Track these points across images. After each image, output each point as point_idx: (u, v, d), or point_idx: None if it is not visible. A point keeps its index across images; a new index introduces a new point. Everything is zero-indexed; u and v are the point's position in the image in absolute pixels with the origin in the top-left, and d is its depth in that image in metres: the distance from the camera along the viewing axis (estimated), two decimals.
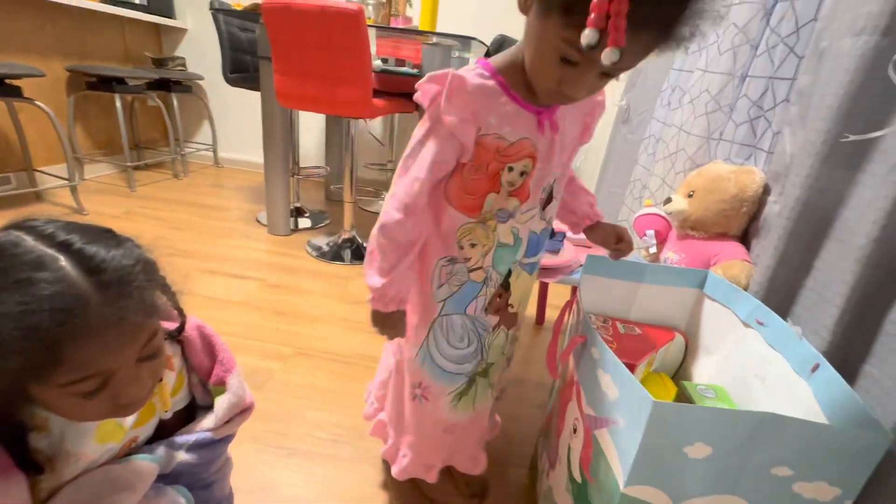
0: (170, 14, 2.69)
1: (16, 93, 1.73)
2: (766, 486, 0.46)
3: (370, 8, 1.92)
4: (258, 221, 2.14)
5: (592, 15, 0.37)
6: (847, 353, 0.59)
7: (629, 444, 0.48)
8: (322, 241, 1.97)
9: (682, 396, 0.69)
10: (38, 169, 2.08)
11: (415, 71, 1.83)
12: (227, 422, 0.55)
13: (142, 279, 0.40)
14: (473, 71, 0.54)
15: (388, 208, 0.57)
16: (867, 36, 0.58)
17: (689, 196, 0.89)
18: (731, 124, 0.92)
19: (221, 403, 0.54)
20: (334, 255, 1.88)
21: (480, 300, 0.65)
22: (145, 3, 2.52)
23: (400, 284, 0.60)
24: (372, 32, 1.87)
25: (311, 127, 2.79)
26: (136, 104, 2.72)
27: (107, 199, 2.20)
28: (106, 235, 0.41)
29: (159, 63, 2.70)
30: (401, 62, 1.93)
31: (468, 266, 0.63)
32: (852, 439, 0.44)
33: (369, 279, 0.59)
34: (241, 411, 0.56)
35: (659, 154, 1.13)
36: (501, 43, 1.81)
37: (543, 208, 0.63)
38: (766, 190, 0.83)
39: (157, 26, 2.76)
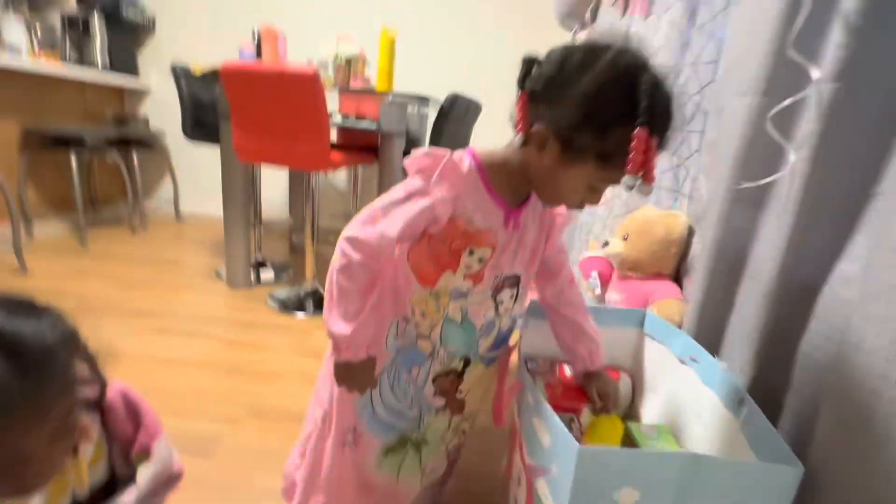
0: (132, 72, 2.74)
1: None
2: None
3: (330, 70, 2.02)
4: (218, 275, 2.10)
5: (632, 164, 0.47)
6: (769, 386, 0.63)
7: (562, 492, 0.48)
8: (284, 292, 1.94)
9: (627, 438, 0.70)
10: None
11: (374, 126, 1.91)
12: (153, 495, 0.52)
13: (63, 357, 0.39)
14: (465, 160, 0.58)
15: (349, 249, 0.56)
16: (751, 96, 0.66)
17: (625, 239, 0.95)
18: (657, 172, 0.99)
19: (144, 473, 0.51)
20: (296, 306, 1.85)
21: (423, 371, 0.65)
22: (107, 64, 2.56)
23: (367, 328, 0.60)
24: (333, 95, 1.96)
25: (275, 179, 2.82)
26: (94, 161, 2.69)
27: (56, 257, 2.11)
28: (27, 308, 0.40)
29: (121, 121, 2.70)
30: (361, 117, 2.02)
31: (416, 331, 0.64)
32: (772, 474, 0.46)
33: (334, 326, 0.57)
34: (168, 480, 0.53)
35: None
36: (454, 100, 1.92)
37: (495, 295, 0.64)
38: (692, 232, 0.89)
39: (119, 87, 2.79)
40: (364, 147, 2.00)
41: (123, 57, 2.65)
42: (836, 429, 0.48)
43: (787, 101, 0.58)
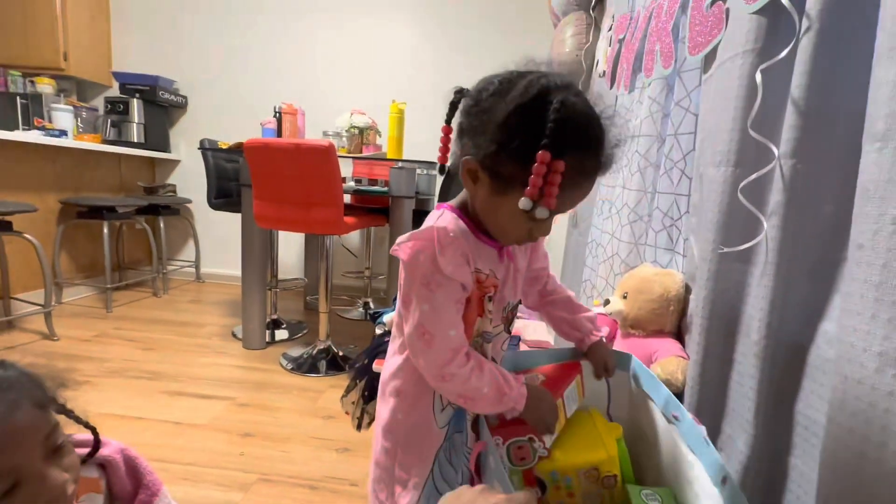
0: (165, 148, 2.98)
1: (6, 227, 1.83)
2: None
3: (344, 139, 2.18)
4: (234, 336, 2.15)
5: (530, 187, 0.46)
6: (772, 447, 0.63)
7: None
8: (297, 351, 1.97)
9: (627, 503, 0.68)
10: (15, 297, 2.11)
11: (385, 189, 2.03)
12: None
13: (26, 385, 0.44)
14: (445, 217, 0.57)
15: (444, 381, 0.56)
16: (724, 167, 0.72)
17: (624, 297, 0.98)
18: (652, 232, 1.04)
19: None
20: (309, 366, 1.87)
21: (469, 419, 0.66)
22: (143, 140, 2.80)
23: (507, 380, 0.58)
24: (347, 161, 2.10)
25: (291, 241, 2.94)
26: (123, 228, 2.86)
27: (81, 322, 2.20)
28: None
29: (150, 191, 2.90)
30: (374, 181, 2.15)
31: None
32: None
33: (485, 408, 0.59)
34: None
35: (600, 257, 1.24)
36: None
37: (508, 327, 0.67)
38: (689, 289, 0.92)
39: (152, 159, 3.02)
40: (377, 208, 2.11)
41: (157, 134, 2.90)
42: (833, 495, 0.48)
43: (754, 175, 0.63)
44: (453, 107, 0.55)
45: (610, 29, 1.42)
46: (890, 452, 0.41)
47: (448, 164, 0.58)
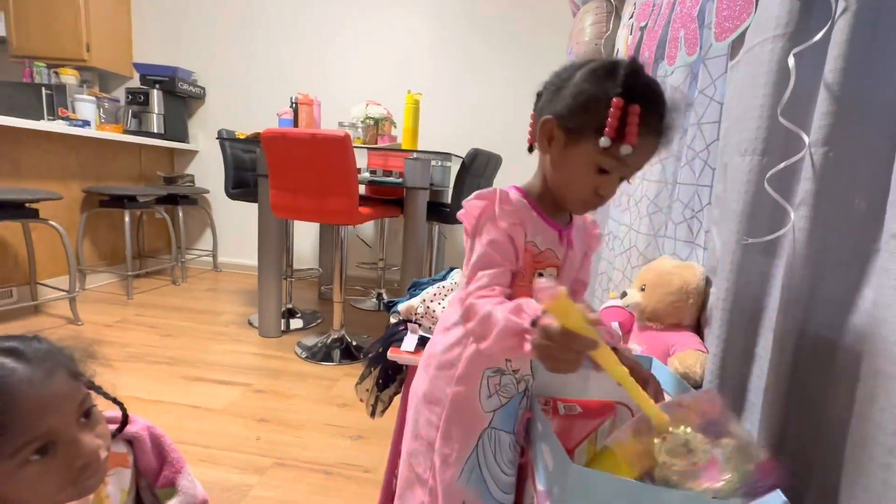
0: (184, 139, 3.02)
1: (32, 215, 1.89)
2: None
3: (360, 129, 2.18)
4: (250, 324, 2.18)
5: (608, 127, 0.51)
6: (797, 444, 0.61)
7: None
8: (312, 340, 1.99)
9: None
10: (41, 282, 2.18)
11: (399, 180, 2.03)
12: None
13: (59, 356, 0.46)
14: (511, 192, 0.62)
15: (470, 298, 0.56)
16: (750, 156, 0.70)
17: (642, 290, 0.96)
18: (671, 224, 1.02)
19: None
20: (323, 355, 1.89)
21: (520, 412, 0.66)
22: (162, 131, 2.85)
23: (525, 304, 0.51)
24: (362, 152, 2.10)
25: (306, 232, 2.97)
26: (144, 217, 2.92)
27: (103, 308, 2.26)
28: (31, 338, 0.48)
29: (169, 181, 2.95)
30: (388, 172, 2.15)
31: (516, 377, 0.64)
32: None
33: (493, 339, 0.52)
34: None
35: (617, 249, 1.22)
36: (475, 156, 2.02)
37: None
38: (709, 282, 0.90)
39: (171, 149, 3.07)
40: (391, 199, 2.12)
41: (176, 124, 2.94)
42: (858, 488, 0.47)
43: (782, 164, 0.61)
44: (539, 96, 0.62)
45: (631, 17, 1.39)
46: None
47: (531, 145, 0.64)
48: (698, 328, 0.93)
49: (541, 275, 0.61)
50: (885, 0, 0.53)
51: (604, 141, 0.51)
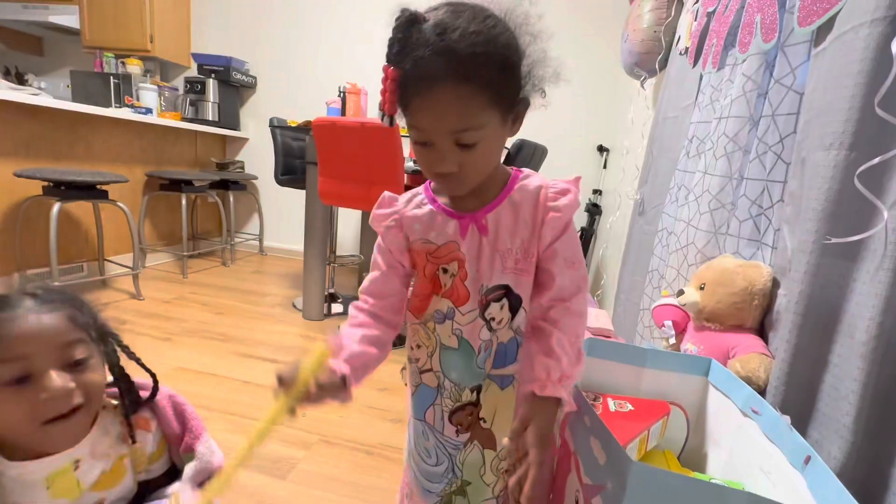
0: (235, 127, 3.15)
1: (103, 196, 2.02)
2: None
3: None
4: (294, 307, 2.27)
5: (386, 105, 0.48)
6: (872, 454, 0.58)
7: None
8: None
9: None
10: (108, 259, 2.34)
11: None
12: (199, 486, 0.58)
13: (69, 303, 0.50)
14: (417, 188, 0.62)
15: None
16: (836, 150, 0.65)
17: (701, 288, 0.92)
18: (735, 221, 0.97)
19: (187, 471, 0.57)
20: None
21: (437, 409, 0.65)
22: (216, 119, 2.97)
23: (349, 348, 0.57)
24: (406, 142, 2.11)
25: (349, 219, 3.04)
26: (198, 201, 3.08)
27: (162, 285, 2.41)
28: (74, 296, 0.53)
29: (222, 166, 3.09)
30: None
31: (419, 367, 0.66)
32: None
33: (330, 341, 0.57)
34: (211, 474, 0.59)
35: (672, 246, 1.18)
36: (520, 147, 1.99)
37: (483, 311, 0.59)
38: (777, 284, 0.85)
39: (223, 137, 3.21)
40: None
41: (229, 112, 3.06)
42: None
43: (877, 159, 0.57)
44: None
45: (696, 1, 1.32)
46: None
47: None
48: (761, 331, 0.88)
49: (445, 270, 0.59)
50: None
51: (382, 118, 0.50)
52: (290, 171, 2.40)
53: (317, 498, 1.04)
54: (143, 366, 0.58)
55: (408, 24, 0.46)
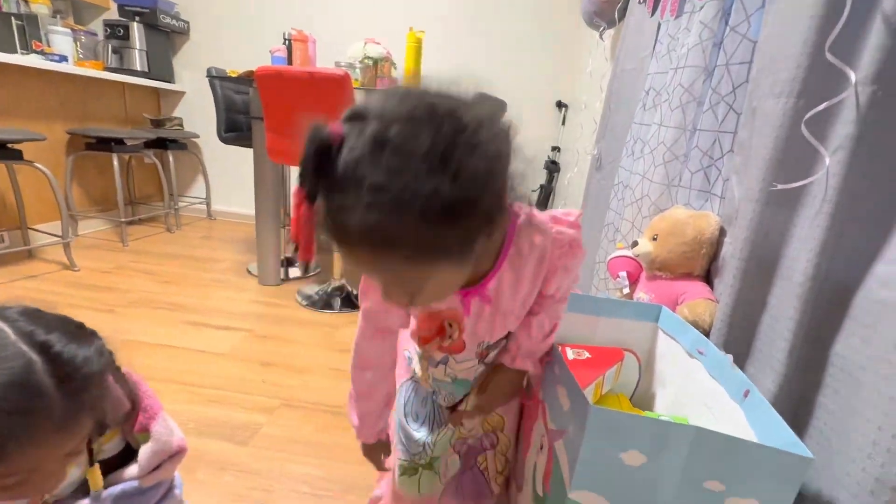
0: (169, 79, 2.86)
1: (16, 156, 1.80)
2: (700, 498, 0.48)
3: (357, 71, 2.06)
4: (249, 272, 2.17)
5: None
6: (800, 386, 0.63)
7: (575, 450, 0.51)
8: (312, 289, 1.99)
9: None
10: (32, 227, 2.12)
11: None
12: (157, 468, 0.55)
13: (102, 384, 0.42)
14: None
15: (351, 363, 0.62)
16: (785, 98, 0.66)
17: (654, 239, 0.95)
18: (687, 172, 0.99)
19: (144, 452, 0.55)
20: (324, 303, 1.90)
21: (430, 400, 0.69)
22: (146, 69, 2.68)
23: (376, 419, 0.64)
24: (360, 94, 2.00)
25: None
26: (132, 162, 2.82)
27: (99, 254, 2.23)
28: (79, 333, 0.43)
29: (157, 123, 2.82)
30: None
31: (413, 380, 0.68)
32: (777, 458, 0.47)
33: (349, 415, 0.66)
34: (171, 456, 0.56)
35: (627, 199, 1.20)
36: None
37: (483, 360, 0.63)
38: (723, 232, 0.89)
39: (156, 90, 2.91)
40: None
41: (160, 62, 2.76)
42: (872, 428, 0.48)
43: (823, 105, 0.58)
44: None
45: None
46: None
47: None
48: (708, 278, 0.93)
49: (450, 325, 0.56)
50: None
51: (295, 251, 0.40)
52: (235, 128, 2.23)
53: (281, 459, 1.03)
54: (129, 391, 0.52)
55: (317, 154, 0.34)
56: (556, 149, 2.80)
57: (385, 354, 0.62)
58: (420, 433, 0.68)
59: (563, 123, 2.78)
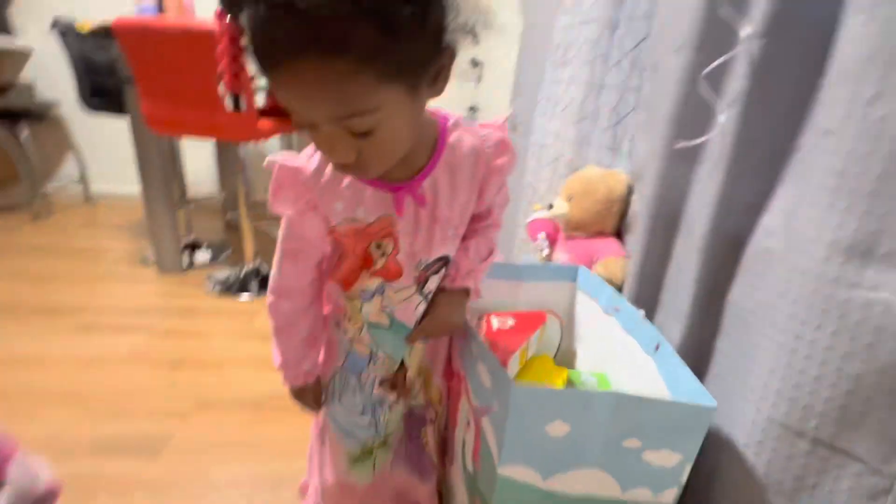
0: (5, 30, 2.32)
1: None
2: (621, 457, 0.51)
3: None
4: (144, 261, 1.92)
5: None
6: (702, 333, 0.67)
7: (501, 426, 0.51)
8: (224, 273, 1.82)
9: (570, 385, 0.75)
10: None
11: None
12: None
13: None
14: (313, 157, 0.48)
15: (268, 292, 0.58)
16: (685, 52, 0.66)
17: (569, 200, 0.96)
18: (598, 130, 1.00)
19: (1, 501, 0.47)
20: (239, 288, 1.75)
21: (369, 377, 0.63)
22: None
23: (300, 359, 0.60)
24: None
25: (200, 150, 2.57)
26: None
27: None
28: None
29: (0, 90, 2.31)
30: None
31: (348, 338, 0.61)
32: (685, 411, 0.50)
33: (274, 357, 0.61)
34: (36, 500, 0.49)
35: (544, 160, 1.20)
36: None
37: (422, 287, 0.58)
38: (632, 190, 0.92)
39: None
40: None
41: None
42: (764, 372, 0.52)
43: (718, 60, 0.59)
44: None
45: None
46: (826, 333, 0.44)
47: None
48: (618, 234, 0.96)
49: (378, 246, 0.53)
50: None
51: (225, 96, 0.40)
52: (102, 92, 1.89)
53: (202, 466, 0.95)
54: None
55: None
56: (473, 109, 2.75)
57: (302, 277, 0.56)
58: (364, 418, 0.65)
59: (479, 81, 2.73)
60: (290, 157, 0.49)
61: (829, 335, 0.44)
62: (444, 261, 0.57)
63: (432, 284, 0.59)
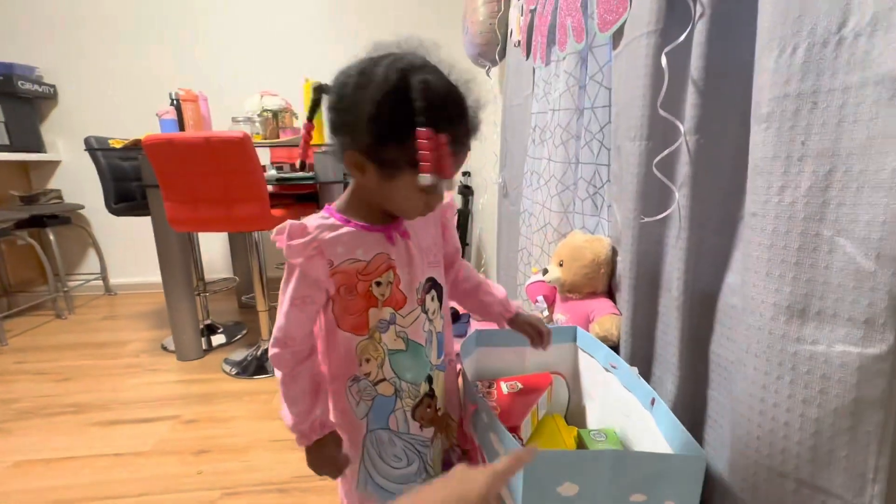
0: (38, 148, 2.57)
1: None
2: None
3: (257, 125, 2.02)
4: (164, 349, 2.00)
5: (422, 165, 0.49)
6: (695, 385, 0.73)
7: (516, 488, 0.55)
8: (240, 355, 1.88)
9: (580, 443, 0.79)
10: None
11: (310, 174, 1.94)
12: None
13: None
14: (317, 215, 0.61)
15: (271, 346, 0.62)
16: (638, 141, 0.78)
17: (560, 265, 1.05)
18: (578, 200, 1.12)
19: None
20: (256, 368, 1.80)
21: (399, 413, 0.66)
22: (7, 142, 2.39)
23: (311, 407, 0.62)
24: (264, 150, 1.96)
25: (213, 237, 2.73)
26: (2, 247, 2.47)
27: None
28: None
29: (29, 200, 2.51)
30: (295, 167, 2.03)
31: (370, 380, 0.66)
32: (678, 462, 0.55)
33: (284, 418, 0.63)
34: None
35: (533, 226, 1.31)
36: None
37: (423, 307, 0.66)
38: (615, 252, 1.01)
39: (23, 163, 2.60)
40: (305, 193, 2.02)
41: (24, 132, 2.48)
42: (742, 417, 0.58)
43: (666, 152, 0.70)
44: (315, 105, 0.58)
45: None
46: (786, 383, 0.51)
47: (311, 161, 0.63)
48: (611, 293, 1.04)
49: (378, 284, 0.61)
50: (737, 6, 0.61)
51: (423, 179, 0.50)
52: (127, 197, 2.07)
53: None
54: None
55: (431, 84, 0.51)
56: (466, 174, 2.93)
57: (306, 324, 0.62)
58: (412, 467, 0.67)
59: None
60: (305, 218, 0.61)
61: (788, 384, 0.50)
62: (432, 282, 0.69)
63: (428, 304, 0.68)
